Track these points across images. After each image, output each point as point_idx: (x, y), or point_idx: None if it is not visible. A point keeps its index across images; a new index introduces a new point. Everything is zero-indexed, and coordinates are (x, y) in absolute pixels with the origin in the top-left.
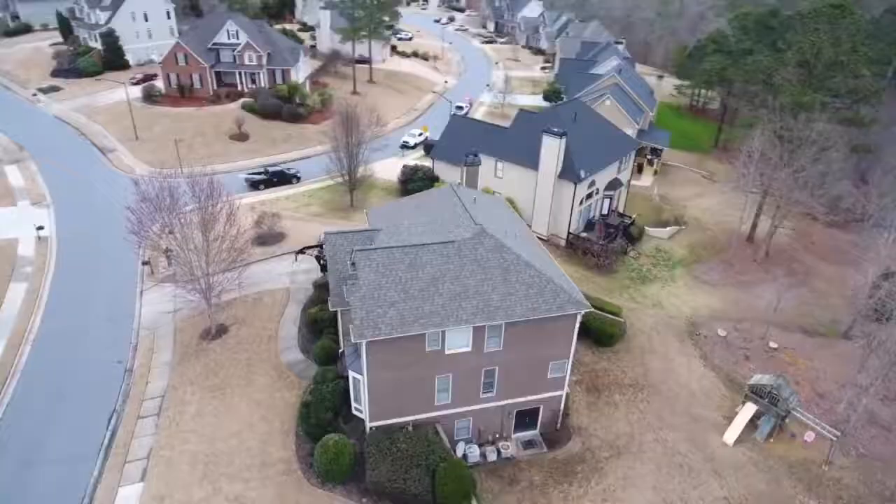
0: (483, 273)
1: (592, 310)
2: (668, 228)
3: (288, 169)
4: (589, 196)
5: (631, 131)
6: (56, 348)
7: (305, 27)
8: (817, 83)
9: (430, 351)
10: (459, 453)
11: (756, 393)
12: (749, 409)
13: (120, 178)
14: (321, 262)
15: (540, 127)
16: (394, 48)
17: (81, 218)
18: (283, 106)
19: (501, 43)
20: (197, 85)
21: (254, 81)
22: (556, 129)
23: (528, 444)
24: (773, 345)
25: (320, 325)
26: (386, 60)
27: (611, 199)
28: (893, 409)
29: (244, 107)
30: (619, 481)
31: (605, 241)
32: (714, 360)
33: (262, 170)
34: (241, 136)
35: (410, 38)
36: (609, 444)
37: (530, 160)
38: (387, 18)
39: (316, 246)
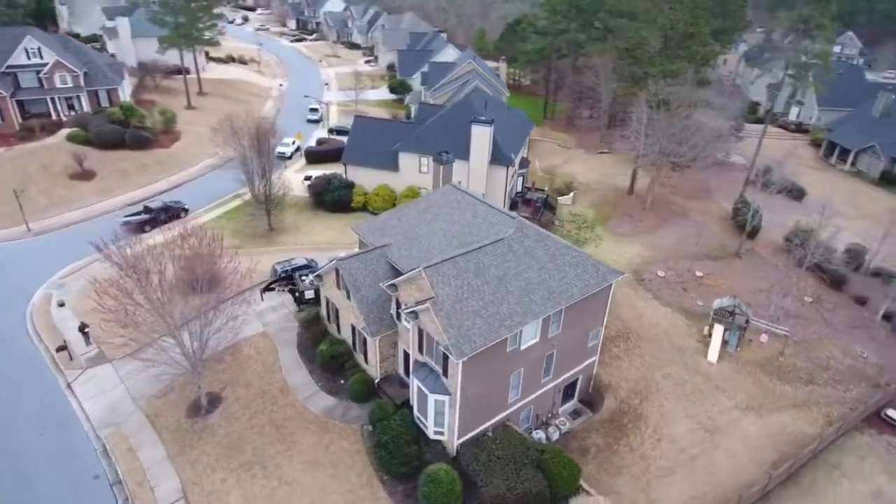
0: (537, 263)
1: (625, 274)
2: (570, 195)
3: (173, 202)
4: (511, 177)
5: None
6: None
7: (77, 38)
8: (673, 53)
9: (509, 351)
10: None
11: (719, 314)
12: (719, 329)
13: None
14: (296, 294)
15: (454, 118)
16: (207, 54)
17: None
18: (125, 132)
19: (312, 40)
20: None
21: (72, 108)
22: (483, 118)
23: (575, 413)
24: (698, 274)
25: (339, 361)
26: (205, 69)
27: (523, 177)
28: (795, 303)
29: (72, 139)
30: (659, 420)
31: (539, 216)
32: (664, 297)
33: (141, 208)
34: (86, 174)
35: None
36: (633, 391)
37: (456, 151)
38: (211, 22)
39: (281, 279)
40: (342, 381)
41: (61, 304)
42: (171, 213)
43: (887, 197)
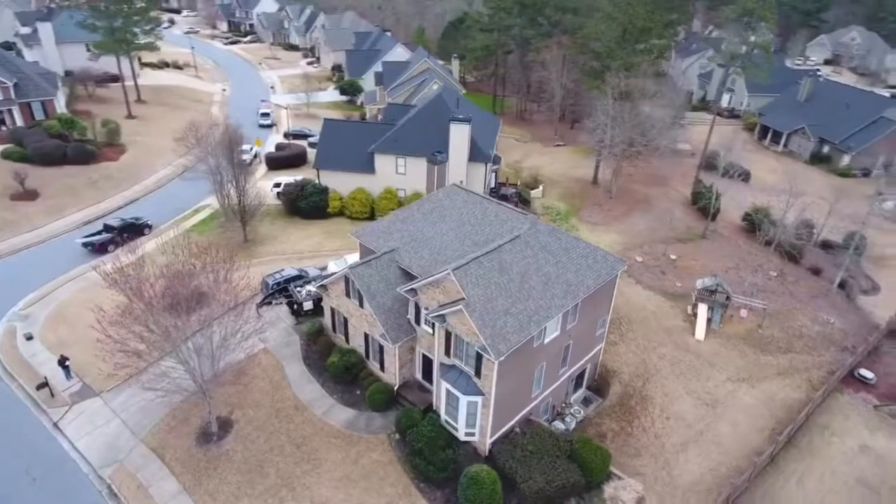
0: (553, 257)
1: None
2: (539, 189)
3: (133, 219)
4: (488, 173)
5: None
6: None
7: None
8: (631, 47)
9: (535, 346)
10: None
11: (703, 294)
12: (703, 308)
13: None
14: (293, 306)
15: (428, 117)
16: (139, 60)
17: None
18: (66, 146)
19: (247, 43)
20: None
21: (3, 122)
22: (462, 116)
23: (586, 401)
24: (672, 256)
25: (353, 372)
26: (139, 75)
27: (496, 172)
28: (762, 278)
29: (7, 156)
30: (664, 399)
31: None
32: (645, 281)
33: (100, 228)
34: (29, 194)
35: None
36: (634, 374)
37: (434, 150)
38: (149, 26)
39: (276, 292)
40: (358, 392)
41: (29, 338)
42: (134, 230)
43: (819, 175)
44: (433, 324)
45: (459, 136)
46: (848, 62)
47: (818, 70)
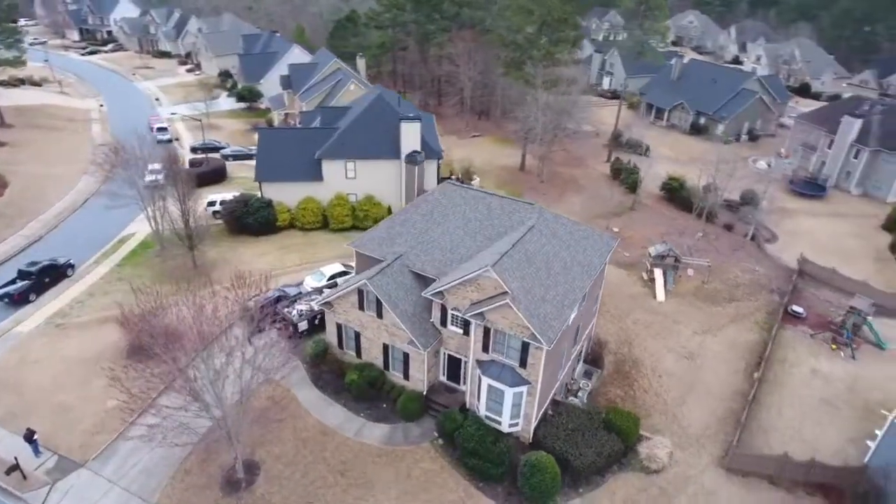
0: (563, 242)
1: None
2: (476, 179)
3: (52, 260)
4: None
5: None
6: None
7: None
8: (549, 37)
9: (565, 329)
10: None
11: (657, 260)
12: (659, 272)
13: None
14: (288, 329)
15: (372, 118)
16: None
17: None
18: None
19: (109, 52)
20: None
21: None
22: (412, 114)
23: (587, 374)
24: (615, 229)
25: (377, 387)
26: None
27: (438, 167)
28: (691, 240)
29: None
30: (652, 360)
31: None
32: None
33: (14, 276)
34: None
35: None
36: (618, 341)
37: (384, 151)
38: (11, 40)
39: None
40: (384, 405)
41: None
42: (55, 273)
43: (699, 143)
44: (466, 323)
45: (411, 135)
46: (689, 42)
47: (678, 51)
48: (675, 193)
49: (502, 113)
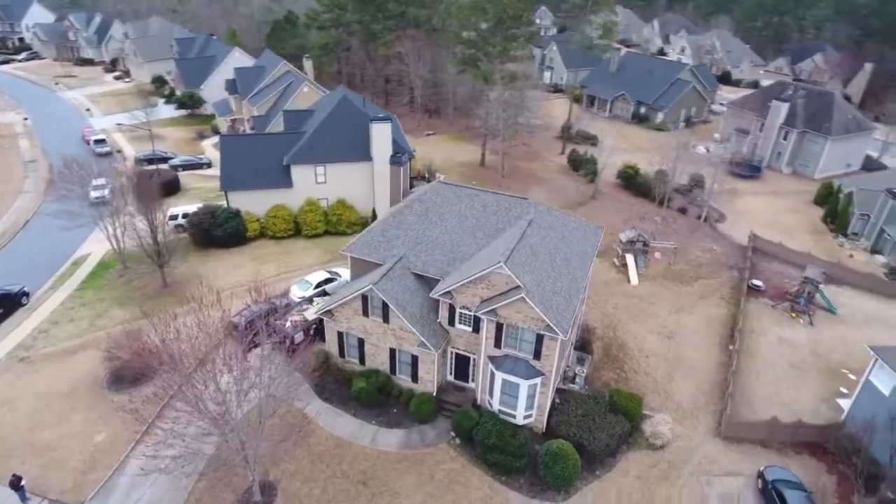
0: (559, 234)
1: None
2: (442, 177)
3: (5, 288)
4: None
5: None
6: None
7: None
8: (503, 34)
9: (574, 317)
10: None
11: (628, 246)
12: (630, 258)
13: None
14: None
15: (339, 121)
16: None
17: None
18: None
19: (24, 60)
20: None
21: None
22: (382, 115)
23: (580, 360)
24: (583, 219)
25: (385, 392)
26: None
27: (409, 167)
28: (652, 224)
29: None
30: (634, 341)
31: None
32: None
33: None
34: None
35: None
36: (604, 326)
37: (355, 153)
38: None
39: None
40: (395, 410)
41: None
42: (8, 302)
43: (642, 131)
44: (475, 320)
45: (382, 136)
46: (616, 36)
47: (613, 44)
48: (631, 181)
49: (454, 110)
